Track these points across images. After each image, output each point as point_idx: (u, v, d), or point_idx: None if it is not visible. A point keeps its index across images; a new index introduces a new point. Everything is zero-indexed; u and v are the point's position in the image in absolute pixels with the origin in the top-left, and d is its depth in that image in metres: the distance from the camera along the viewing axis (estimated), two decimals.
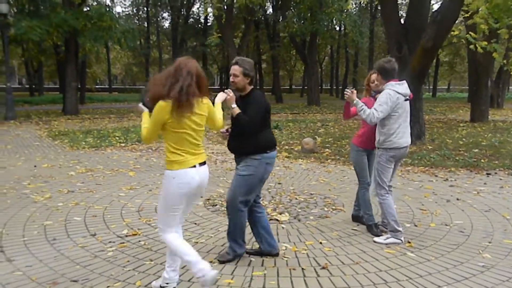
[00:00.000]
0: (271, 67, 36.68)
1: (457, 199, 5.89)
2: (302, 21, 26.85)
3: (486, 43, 12.83)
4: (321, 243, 4.25)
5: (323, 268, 3.67)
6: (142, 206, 5.48)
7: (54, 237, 4.34)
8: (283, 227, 4.70)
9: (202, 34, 37.12)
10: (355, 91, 4.30)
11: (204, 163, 3.16)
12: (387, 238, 4.31)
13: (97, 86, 49.74)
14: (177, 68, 2.97)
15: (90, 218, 4.95)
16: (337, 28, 38.45)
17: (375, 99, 4.47)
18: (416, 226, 4.80)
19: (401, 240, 4.27)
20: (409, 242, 4.28)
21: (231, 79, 3.67)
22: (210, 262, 3.77)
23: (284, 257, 3.90)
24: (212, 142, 11.63)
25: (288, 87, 54.92)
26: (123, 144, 10.81)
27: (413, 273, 3.59)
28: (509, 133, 13.12)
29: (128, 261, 3.79)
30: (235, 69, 3.60)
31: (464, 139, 11.65)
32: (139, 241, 4.27)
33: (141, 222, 4.85)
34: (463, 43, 27.40)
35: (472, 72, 17.95)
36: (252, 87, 3.72)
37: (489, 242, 4.30)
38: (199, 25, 40.52)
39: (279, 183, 6.79)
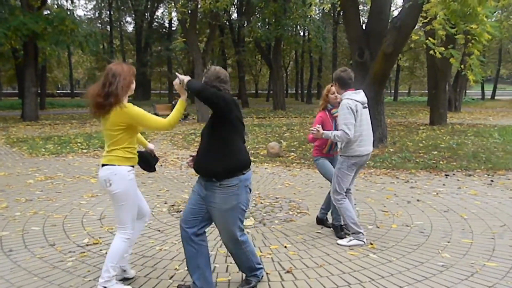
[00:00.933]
0: (237, 72, 36.72)
1: (418, 200, 6.05)
2: (267, 26, 27.06)
3: (443, 48, 13.29)
4: (285, 247, 4.26)
5: (288, 272, 3.68)
6: (104, 213, 5.35)
7: (11, 248, 4.18)
8: (248, 232, 4.68)
9: (167, 38, 36.75)
10: (320, 127, 4.32)
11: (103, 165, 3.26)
12: (350, 240, 4.37)
13: (58, 91, 48.46)
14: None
15: (49, 228, 4.79)
16: (301, 34, 38.98)
17: (330, 113, 4.62)
18: (378, 227, 4.89)
19: (364, 242, 4.33)
20: (372, 244, 4.35)
21: None
22: (175, 269, 3.73)
23: None
24: (177, 147, 11.50)
25: (254, 92, 55.16)
26: (85, 151, 10.54)
27: (375, 274, 3.65)
28: (466, 135, 13.60)
29: (88, 271, 3.68)
30: None
31: (424, 142, 12.00)
32: (100, 250, 4.16)
33: (102, 230, 4.73)
34: (422, 48, 28.21)
35: (431, 77, 18.53)
36: None
37: (448, 242, 4.43)
38: (164, 29, 40.13)
39: None
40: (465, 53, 19.70)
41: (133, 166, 3.29)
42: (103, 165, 3.26)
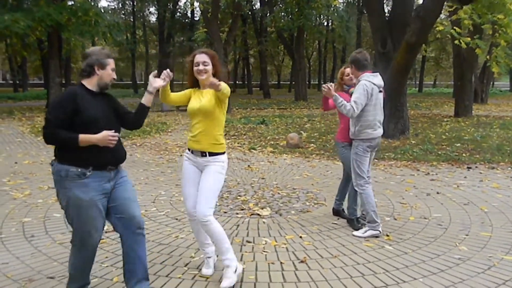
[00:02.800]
0: (259, 63, 36.62)
1: (437, 193, 5.96)
2: (289, 16, 26.83)
3: (469, 39, 12.97)
4: (301, 237, 4.27)
5: (302, 262, 3.69)
6: None
7: (33, 234, 4.30)
8: (264, 222, 4.71)
9: (189, 28, 36.80)
10: (332, 86, 4.30)
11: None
12: (366, 231, 4.34)
13: None
14: None
15: None
16: (325, 24, 38.59)
17: (348, 94, 4.53)
18: (395, 219, 4.85)
19: (380, 231, 4.30)
20: (388, 236, 4.32)
21: None
22: (191, 257, 3.78)
23: (264, 251, 3.91)
24: None
25: (276, 83, 54.93)
26: None
27: (390, 266, 3.62)
28: (491, 127, 13.29)
29: (106, 257, 3.77)
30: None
31: (447, 134, 11.77)
32: (118, 236, 4.23)
33: None
34: (449, 39, 27.61)
35: (457, 67, 18.09)
36: None
37: (466, 235, 4.36)
38: (186, 20, 40.20)
39: (263, 178, 6.80)
40: (492, 44, 19.28)
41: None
42: None
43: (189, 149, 3.41)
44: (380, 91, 4.33)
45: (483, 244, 4.11)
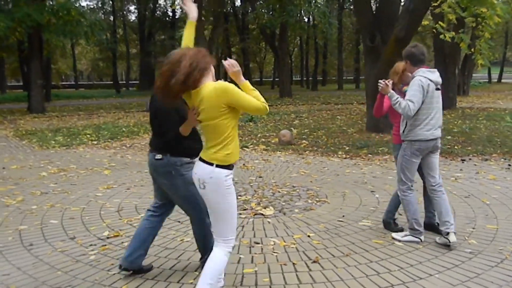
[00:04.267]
0: (242, 60, 36.47)
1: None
2: (271, 13, 26.77)
3: (454, 33, 13.09)
4: (309, 236, 4.20)
5: (314, 261, 3.62)
6: (122, 205, 5.30)
7: (31, 242, 4.14)
8: (269, 222, 4.63)
9: (171, 27, 36.50)
10: (390, 82, 3.99)
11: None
12: (406, 235, 4.08)
13: (62, 83, 48.41)
14: None
15: (67, 221, 4.75)
16: (306, 20, 38.60)
17: (402, 92, 4.14)
18: (401, 215, 4.78)
19: (421, 240, 3.99)
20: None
21: None
22: (200, 260, 3.67)
23: (274, 252, 3.82)
24: None
25: (259, 79, 54.87)
26: (95, 142, 10.49)
27: (404, 263, 3.58)
28: (477, 119, 13.44)
29: (112, 264, 3.63)
30: None
31: None
32: (122, 242, 4.11)
33: (122, 222, 4.68)
34: (429, 32, 27.91)
35: (440, 61, 18.25)
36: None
37: (473, 228, 4.35)
38: (167, 18, 39.85)
39: (260, 177, 6.71)
40: (473, 36, 19.52)
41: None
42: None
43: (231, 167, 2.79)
44: (438, 89, 3.95)
45: (491, 237, 4.10)
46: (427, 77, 3.84)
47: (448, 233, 3.86)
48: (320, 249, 3.88)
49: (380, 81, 4.00)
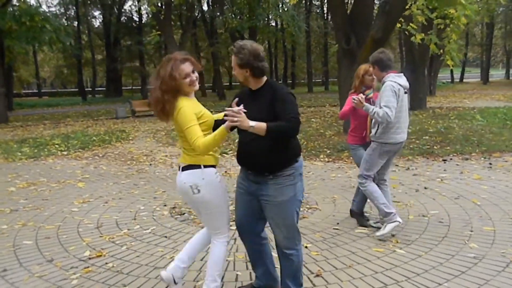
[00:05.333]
0: (211, 64, 36.11)
1: (425, 188, 5.88)
2: (239, 17, 26.59)
3: (423, 34, 13.29)
4: (306, 247, 3.99)
5: (317, 275, 3.41)
6: (101, 221, 4.95)
7: (4, 267, 3.75)
8: None
9: (137, 32, 35.77)
10: (363, 97, 4.05)
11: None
12: (385, 227, 4.12)
13: (24, 91, 46.74)
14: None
15: (43, 241, 4.37)
16: (274, 24, 38.62)
17: (364, 95, 4.29)
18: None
19: (399, 221, 4.09)
20: (393, 236, 4.15)
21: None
22: (194, 280, 3.40)
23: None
24: (163, 144, 11.06)
25: (228, 84, 54.55)
26: (65, 153, 9.98)
27: (409, 272, 3.42)
28: (449, 119, 13.63)
29: None
30: (232, 60, 2.80)
31: (410, 127, 11.88)
32: (106, 263, 3.78)
33: (103, 240, 4.35)
34: (394, 35, 28.35)
35: (410, 62, 18.50)
36: (265, 78, 2.79)
37: (471, 231, 4.25)
38: (133, 23, 39.04)
39: None
40: (440, 38, 19.95)
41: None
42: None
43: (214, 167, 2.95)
44: (406, 93, 4.08)
45: (491, 240, 4.01)
46: (397, 82, 3.97)
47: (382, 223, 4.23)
48: (320, 261, 3.68)
49: (353, 97, 4.08)
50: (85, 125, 16.62)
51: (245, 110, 2.53)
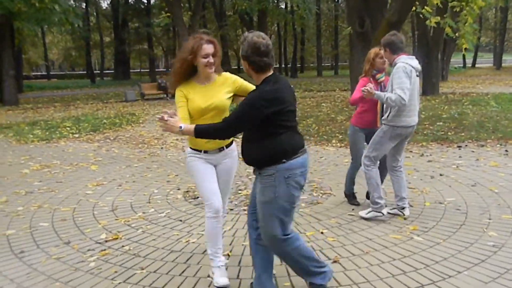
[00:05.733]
0: (221, 47, 35.85)
1: (440, 175, 5.81)
2: None
3: (439, 18, 13.06)
4: (322, 233, 3.97)
5: (335, 261, 3.39)
6: (116, 204, 4.96)
7: (22, 249, 3.77)
8: None
9: (146, 14, 35.55)
10: (373, 87, 3.96)
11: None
12: (369, 211, 4.23)
13: (33, 73, 46.85)
14: None
15: (59, 223, 4.38)
16: (283, 6, 38.18)
17: (375, 79, 4.25)
18: (411, 206, 4.62)
19: (382, 214, 4.17)
20: (411, 222, 4.10)
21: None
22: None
23: None
24: None
25: (236, 67, 54.27)
26: (76, 135, 10.00)
27: (428, 259, 3.38)
28: (463, 104, 13.45)
29: (115, 271, 3.32)
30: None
31: (424, 113, 11.76)
32: (122, 246, 3.79)
33: (119, 223, 4.35)
34: (407, 20, 27.94)
35: (423, 46, 18.21)
36: (268, 74, 2.64)
37: (489, 219, 4.19)
38: (141, 5, 38.78)
39: None
40: (455, 21, 19.60)
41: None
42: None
43: (198, 150, 3.09)
44: (417, 75, 4.01)
45: (510, 228, 3.94)
46: (409, 63, 3.89)
47: (403, 208, 4.25)
48: (337, 247, 3.65)
49: (362, 89, 4.00)
50: (95, 108, 16.63)
51: (173, 117, 2.69)
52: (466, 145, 7.65)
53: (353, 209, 4.60)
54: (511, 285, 2.97)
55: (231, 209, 4.65)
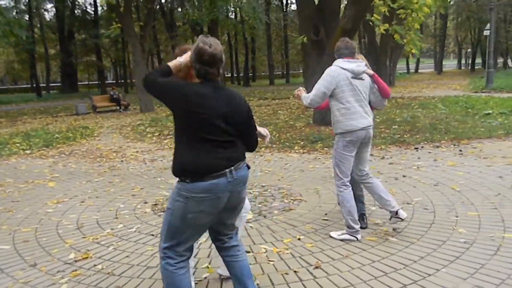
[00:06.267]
0: (173, 58, 35.45)
1: (404, 176, 5.98)
2: (199, 9, 26.20)
3: (388, 25, 13.59)
4: (299, 239, 3.96)
5: (316, 267, 3.38)
6: (81, 221, 4.73)
7: None
8: (251, 227, 4.32)
9: (94, 26, 34.65)
10: (301, 89, 4.06)
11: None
12: (342, 233, 3.96)
13: None
14: None
15: (21, 245, 4.12)
16: (233, 16, 38.41)
17: None
18: (381, 208, 4.69)
19: (357, 238, 3.87)
20: (383, 223, 4.17)
21: None
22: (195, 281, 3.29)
23: (269, 261, 3.53)
24: (131, 140, 10.74)
25: None
26: (28, 151, 9.50)
27: (406, 260, 3.44)
28: (412, 108, 14.00)
29: None
30: None
31: (378, 117, 12.12)
32: (94, 265, 3.60)
33: (87, 241, 4.14)
34: None
35: (372, 53, 18.88)
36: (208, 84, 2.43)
37: (456, 217, 4.34)
38: (89, 16, 37.79)
39: None
40: (401, 28, 20.45)
41: None
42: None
43: None
44: (358, 78, 3.82)
45: (477, 225, 4.10)
46: (340, 66, 3.81)
47: (396, 212, 3.96)
48: (316, 253, 3.65)
49: (294, 92, 4.11)
50: (44, 123, 15.92)
51: None
52: (422, 147, 7.93)
53: (326, 214, 4.63)
54: (487, 279, 3.07)
55: None
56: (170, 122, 13.63)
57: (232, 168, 2.41)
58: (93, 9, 37.67)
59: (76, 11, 38.18)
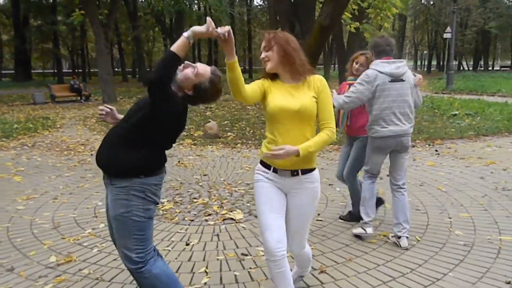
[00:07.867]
0: (132, 48, 34.52)
1: (387, 176, 5.93)
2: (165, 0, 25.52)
3: (358, 23, 13.73)
4: None
5: (322, 272, 3.23)
6: (57, 220, 4.37)
7: None
8: (243, 227, 4.13)
9: (51, 12, 33.10)
10: (333, 91, 3.77)
11: None
12: (357, 227, 3.93)
13: None
14: None
15: None
16: (198, 8, 37.77)
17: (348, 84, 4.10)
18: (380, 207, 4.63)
19: (365, 231, 3.81)
20: (378, 223, 4.08)
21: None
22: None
23: None
24: (97, 132, 10.24)
25: (149, 69, 52.67)
26: None
27: (411, 263, 3.36)
28: None
29: None
30: None
31: None
32: (80, 269, 3.30)
33: (67, 242, 3.81)
34: None
35: (339, 51, 18.99)
36: None
37: (449, 218, 4.32)
38: (45, 1, 36.04)
39: (205, 175, 6.12)
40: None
41: None
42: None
43: (267, 167, 2.54)
44: (396, 80, 3.59)
45: (472, 227, 4.09)
46: (377, 69, 3.61)
47: (399, 237, 3.69)
48: (318, 256, 3.51)
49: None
50: None
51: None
52: None
53: (318, 214, 4.50)
54: (496, 283, 3.03)
55: (192, 220, 4.32)
56: None
57: None
58: None
59: None
